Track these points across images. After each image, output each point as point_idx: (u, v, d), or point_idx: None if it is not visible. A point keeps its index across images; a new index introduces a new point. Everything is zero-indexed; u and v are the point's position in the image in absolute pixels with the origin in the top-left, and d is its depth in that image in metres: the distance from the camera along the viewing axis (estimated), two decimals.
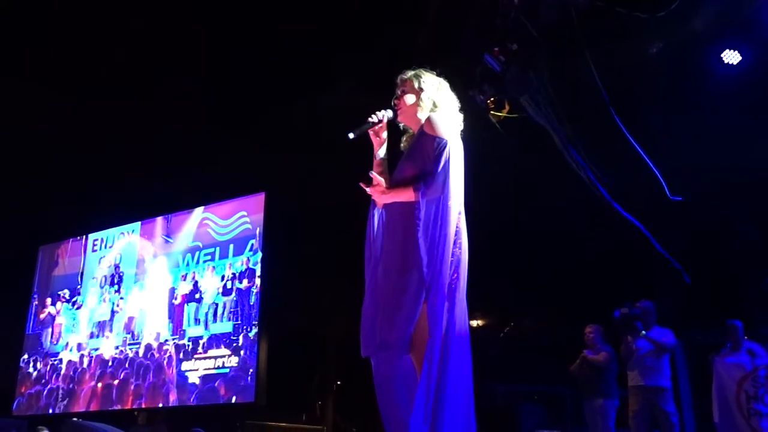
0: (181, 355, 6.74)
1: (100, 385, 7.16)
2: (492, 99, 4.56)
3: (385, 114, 2.55)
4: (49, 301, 8.03)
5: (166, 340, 6.89)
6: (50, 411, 7.47)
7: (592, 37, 4.46)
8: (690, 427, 6.28)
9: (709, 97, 4.99)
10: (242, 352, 6.37)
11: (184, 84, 6.18)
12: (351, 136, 2.44)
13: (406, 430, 2.17)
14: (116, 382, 7.06)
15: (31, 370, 7.85)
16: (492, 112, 4.57)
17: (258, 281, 6.46)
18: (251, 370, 6.34)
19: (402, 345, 2.23)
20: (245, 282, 6.52)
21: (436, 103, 2.53)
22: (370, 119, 2.52)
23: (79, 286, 7.86)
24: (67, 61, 5.93)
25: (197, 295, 6.83)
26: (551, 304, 7.34)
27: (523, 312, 8.33)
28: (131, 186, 7.42)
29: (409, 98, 2.55)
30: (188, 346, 6.70)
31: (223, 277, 6.71)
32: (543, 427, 6.49)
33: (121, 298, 7.45)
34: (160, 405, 6.76)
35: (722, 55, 4.72)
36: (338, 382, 8.74)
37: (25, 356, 7.91)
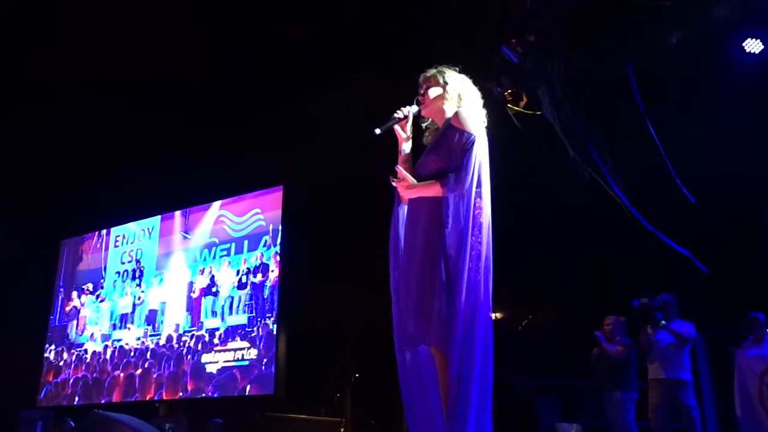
0: (200, 347, 6.97)
1: (122, 374, 7.44)
2: (509, 91, 4.53)
3: (410, 109, 2.56)
4: (75, 294, 8.31)
5: (185, 332, 7.15)
6: (76, 400, 7.71)
7: (610, 27, 4.41)
8: (711, 421, 6.22)
9: (730, 87, 4.91)
10: (258, 343, 6.58)
11: (200, 81, 6.22)
12: (377, 131, 2.45)
13: (434, 423, 2.18)
14: (138, 371, 7.33)
15: (57, 360, 8.14)
16: (509, 105, 4.53)
17: (271, 275, 6.69)
18: (264, 360, 6.51)
19: (428, 339, 2.23)
20: (259, 276, 6.78)
21: (461, 96, 2.54)
22: (395, 115, 2.53)
23: (102, 280, 8.16)
24: (80, 57, 5.99)
25: (214, 289, 7.11)
26: (569, 297, 7.30)
27: (541, 305, 8.29)
28: (150, 182, 7.55)
29: (435, 91, 2.56)
30: (205, 337, 6.95)
31: (238, 272, 6.97)
32: (562, 420, 6.46)
33: (143, 292, 7.72)
34: (180, 395, 6.96)
35: (744, 45, 4.64)
36: (356, 375, 8.78)
37: (52, 347, 8.21)
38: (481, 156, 2.41)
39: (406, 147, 2.59)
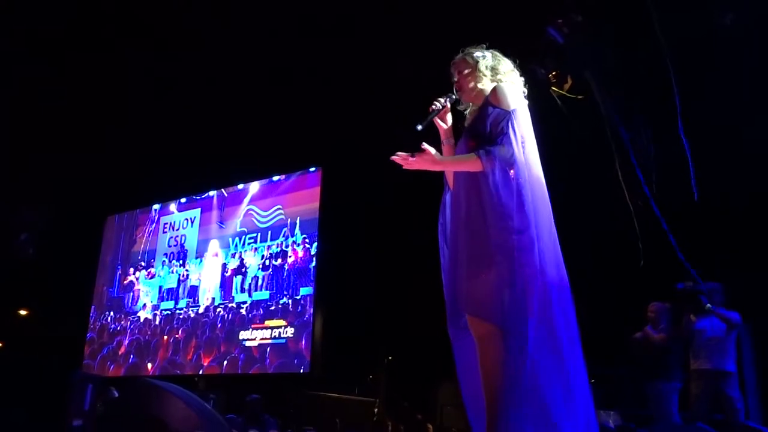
0: (229, 316, 8.14)
1: (168, 338, 8.71)
2: (554, 73, 4.40)
3: (448, 99, 2.48)
4: (131, 270, 9.64)
5: (220, 304, 8.40)
6: (131, 358, 8.90)
7: (658, 7, 4.27)
8: (754, 413, 6.06)
9: None
10: (279, 315, 7.60)
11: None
12: (419, 128, 2.35)
13: (479, 405, 2.16)
14: (181, 335, 8.56)
15: (116, 325, 9.48)
16: (553, 87, 4.41)
17: (289, 260, 7.86)
18: (301, 339, 7.00)
19: (478, 311, 2.16)
20: (279, 260, 8.02)
21: (496, 70, 2.48)
22: (433, 107, 2.44)
23: (153, 260, 9.47)
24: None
25: (243, 270, 8.36)
26: (608, 284, 7.17)
27: (580, 293, 8.18)
28: (191, 163, 8.16)
29: (467, 74, 2.49)
30: (234, 308, 8.22)
31: (262, 257, 8.21)
32: (600, 408, 6.39)
33: (186, 271, 8.96)
34: (215, 354, 7.99)
35: None
36: (389, 357, 8.82)
37: (111, 314, 9.59)
38: (523, 129, 2.31)
39: (450, 139, 2.50)
